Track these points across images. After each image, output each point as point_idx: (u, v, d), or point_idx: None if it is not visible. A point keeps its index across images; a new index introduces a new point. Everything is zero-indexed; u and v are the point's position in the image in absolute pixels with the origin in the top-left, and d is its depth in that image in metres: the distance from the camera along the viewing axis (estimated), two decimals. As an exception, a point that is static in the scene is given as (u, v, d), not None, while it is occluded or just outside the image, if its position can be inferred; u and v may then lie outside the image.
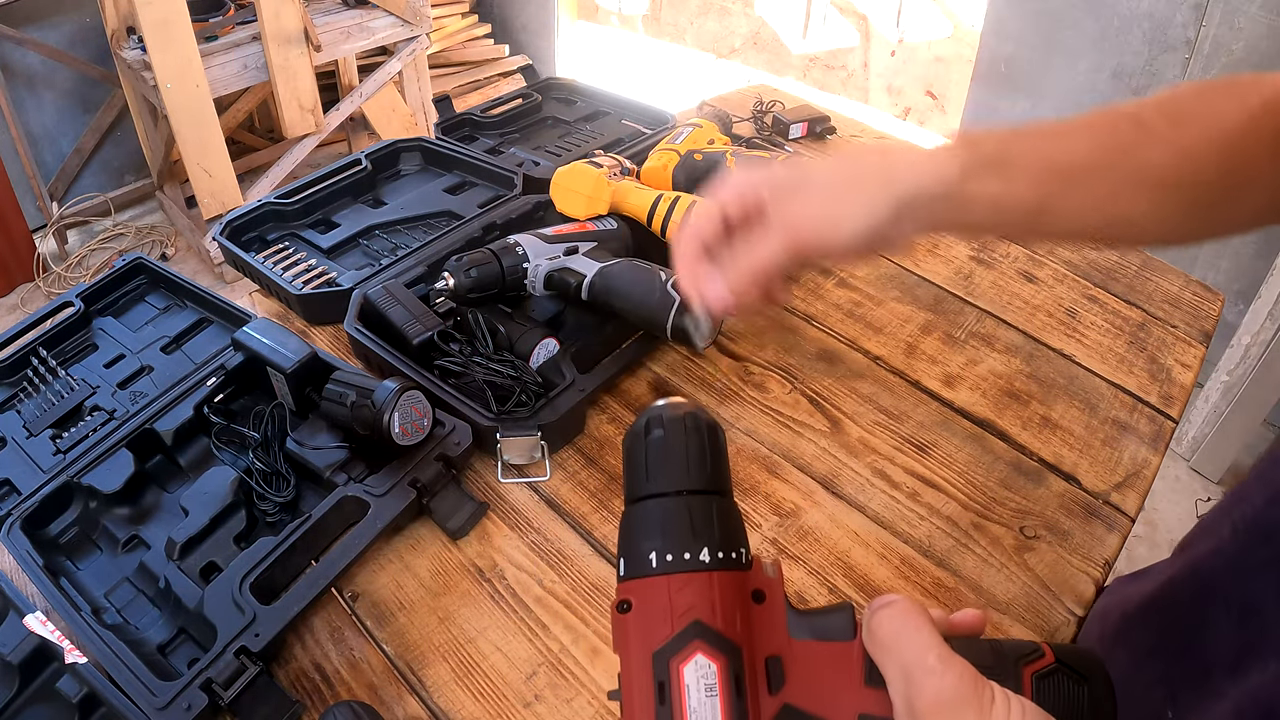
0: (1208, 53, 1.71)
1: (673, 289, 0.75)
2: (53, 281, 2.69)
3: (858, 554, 0.67)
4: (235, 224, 0.96)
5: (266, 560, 0.61)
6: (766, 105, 1.27)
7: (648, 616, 0.33)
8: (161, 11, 2.15)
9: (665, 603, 0.33)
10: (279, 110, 2.51)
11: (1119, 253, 0.66)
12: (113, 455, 0.69)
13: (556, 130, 1.22)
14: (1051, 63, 1.97)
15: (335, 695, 0.58)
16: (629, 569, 0.34)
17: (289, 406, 0.75)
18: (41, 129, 2.73)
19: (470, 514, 0.68)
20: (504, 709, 0.57)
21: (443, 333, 0.78)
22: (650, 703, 0.32)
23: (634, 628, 0.33)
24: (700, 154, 0.96)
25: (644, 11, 3.69)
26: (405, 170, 1.11)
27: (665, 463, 0.35)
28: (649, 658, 0.32)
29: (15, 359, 0.81)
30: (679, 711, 0.31)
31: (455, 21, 3.39)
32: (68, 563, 0.66)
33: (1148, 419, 0.81)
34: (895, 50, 3.15)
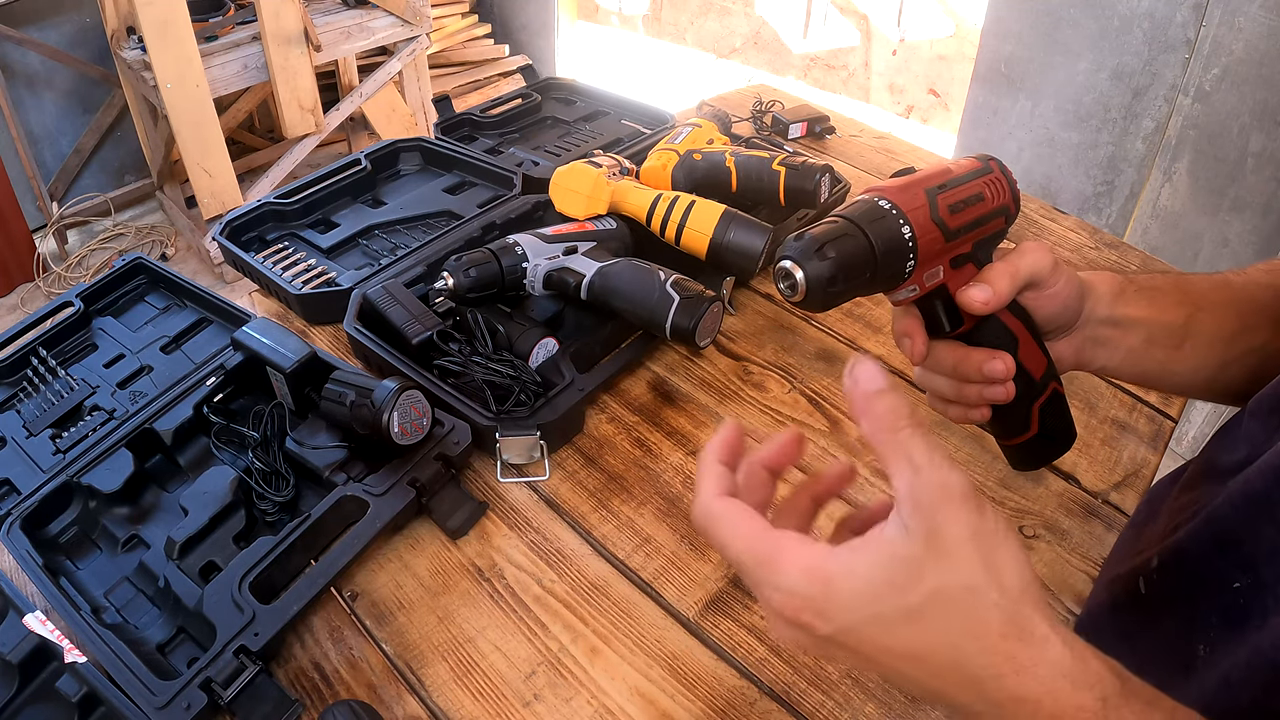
0: (1208, 53, 1.71)
1: (672, 288, 0.75)
2: (53, 281, 2.69)
3: (857, 553, 0.67)
4: (235, 224, 0.96)
5: (266, 560, 0.61)
6: (766, 105, 1.27)
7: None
8: (161, 11, 2.15)
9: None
10: (279, 110, 2.51)
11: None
12: (112, 455, 0.69)
13: (556, 130, 1.22)
14: (1051, 62, 1.97)
15: (335, 695, 0.58)
16: None
17: (288, 406, 0.75)
18: (41, 129, 2.73)
19: (469, 513, 0.68)
20: (503, 708, 0.57)
21: (442, 332, 0.78)
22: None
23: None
24: (699, 154, 0.96)
25: (644, 11, 3.69)
26: (405, 170, 1.11)
27: None
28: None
29: (15, 359, 0.82)
30: None
31: (455, 21, 3.40)
32: (67, 562, 0.66)
33: (1147, 418, 0.81)
34: (897, 49, 3.15)
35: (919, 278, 0.47)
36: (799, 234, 0.45)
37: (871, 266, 0.45)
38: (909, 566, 0.33)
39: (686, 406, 0.80)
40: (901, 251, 0.45)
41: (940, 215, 0.46)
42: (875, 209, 0.45)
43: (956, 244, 0.48)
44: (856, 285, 0.45)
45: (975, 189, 0.48)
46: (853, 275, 0.44)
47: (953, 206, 0.47)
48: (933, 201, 0.46)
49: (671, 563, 0.66)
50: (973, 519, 0.33)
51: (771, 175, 0.93)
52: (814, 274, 0.43)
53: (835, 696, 0.58)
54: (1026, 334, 0.52)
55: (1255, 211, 1.77)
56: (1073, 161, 2.03)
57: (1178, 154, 1.84)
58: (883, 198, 0.46)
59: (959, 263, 0.49)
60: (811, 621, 0.34)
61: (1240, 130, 1.73)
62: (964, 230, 0.48)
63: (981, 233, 0.49)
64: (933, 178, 0.48)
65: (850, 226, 0.45)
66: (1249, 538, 0.44)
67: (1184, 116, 1.80)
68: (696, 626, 0.62)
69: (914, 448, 0.34)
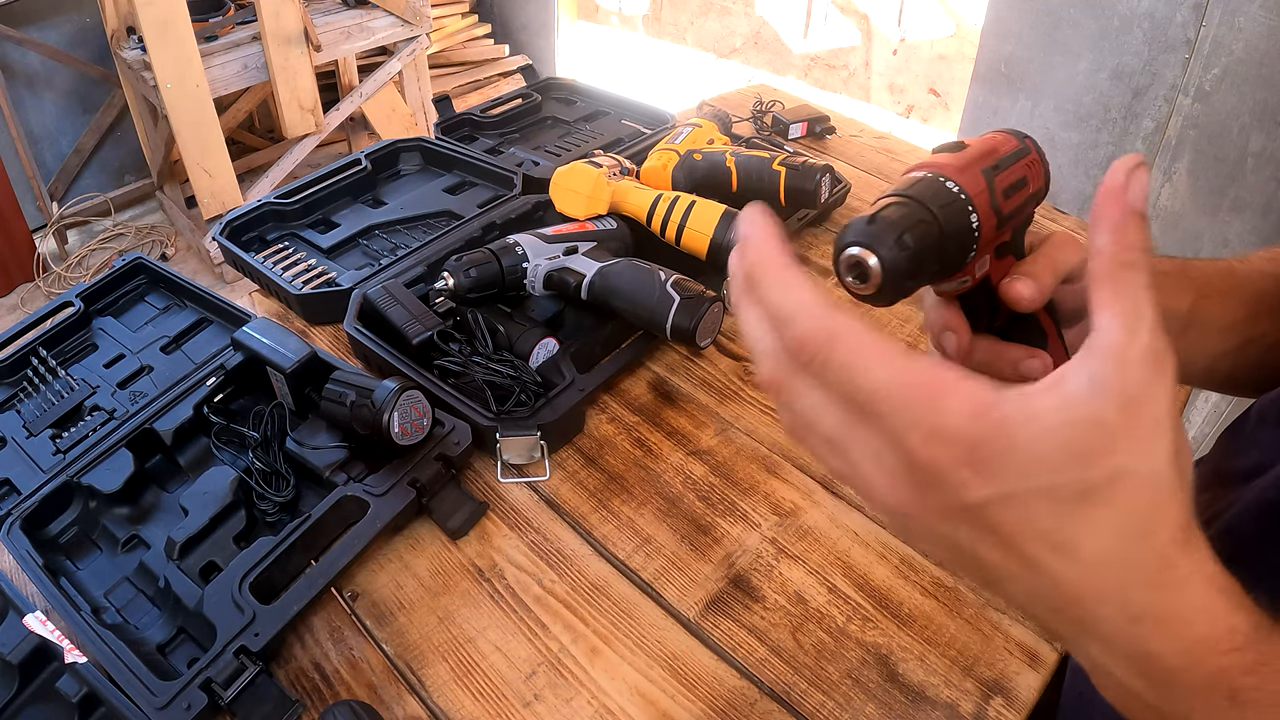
0: (1208, 53, 1.71)
1: (672, 288, 0.75)
2: (53, 281, 2.69)
3: (857, 554, 0.67)
4: (235, 224, 0.96)
5: (266, 560, 0.61)
6: (766, 105, 1.27)
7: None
8: (161, 11, 2.15)
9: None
10: (279, 110, 2.51)
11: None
12: (113, 455, 0.69)
13: (556, 130, 1.22)
14: (1051, 62, 1.97)
15: (335, 695, 0.58)
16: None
17: (289, 406, 0.75)
18: (41, 129, 2.73)
19: (470, 514, 0.68)
20: (503, 709, 0.57)
21: (442, 333, 0.78)
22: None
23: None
24: (700, 154, 0.96)
25: (644, 11, 3.69)
26: (405, 170, 1.11)
27: None
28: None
29: (15, 359, 0.82)
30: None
31: (455, 21, 3.39)
32: (68, 562, 0.66)
33: (1147, 419, 0.81)
34: (897, 49, 3.15)
35: (972, 268, 0.44)
36: (870, 217, 0.39)
37: (941, 255, 0.40)
38: (1101, 432, 0.26)
39: (687, 407, 0.80)
40: (967, 241, 0.41)
41: (998, 201, 0.43)
42: (945, 191, 0.41)
43: (1004, 232, 0.45)
44: (926, 276, 0.40)
45: (1020, 172, 0.45)
46: (927, 265, 0.39)
47: (1006, 191, 0.43)
48: (991, 185, 0.43)
49: (672, 563, 0.66)
50: (1172, 400, 0.27)
51: (772, 175, 0.93)
52: (891, 263, 0.38)
53: (835, 697, 0.58)
54: (1055, 331, 0.49)
55: (1255, 211, 1.77)
56: (1073, 161, 2.03)
57: (1178, 154, 1.84)
58: (948, 178, 0.41)
59: (1002, 252, 0.46)
60: (967, 479, 0.26)
61: (1240, 130, 1.73)
62: (1013, 216, 0.45)
63: (1021, 219, 0.46)
64: (986, 156, 0.44)
65: (924, 211, 0.40)
66: (1264, 548, 0.43)
67: (1184, 116, 1.80)
68: (697, 627, 0.62)
69: (1145, 298, 0.28)
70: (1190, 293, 0.54)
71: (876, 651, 0.61)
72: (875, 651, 0.61)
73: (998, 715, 0.57)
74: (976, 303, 0.47)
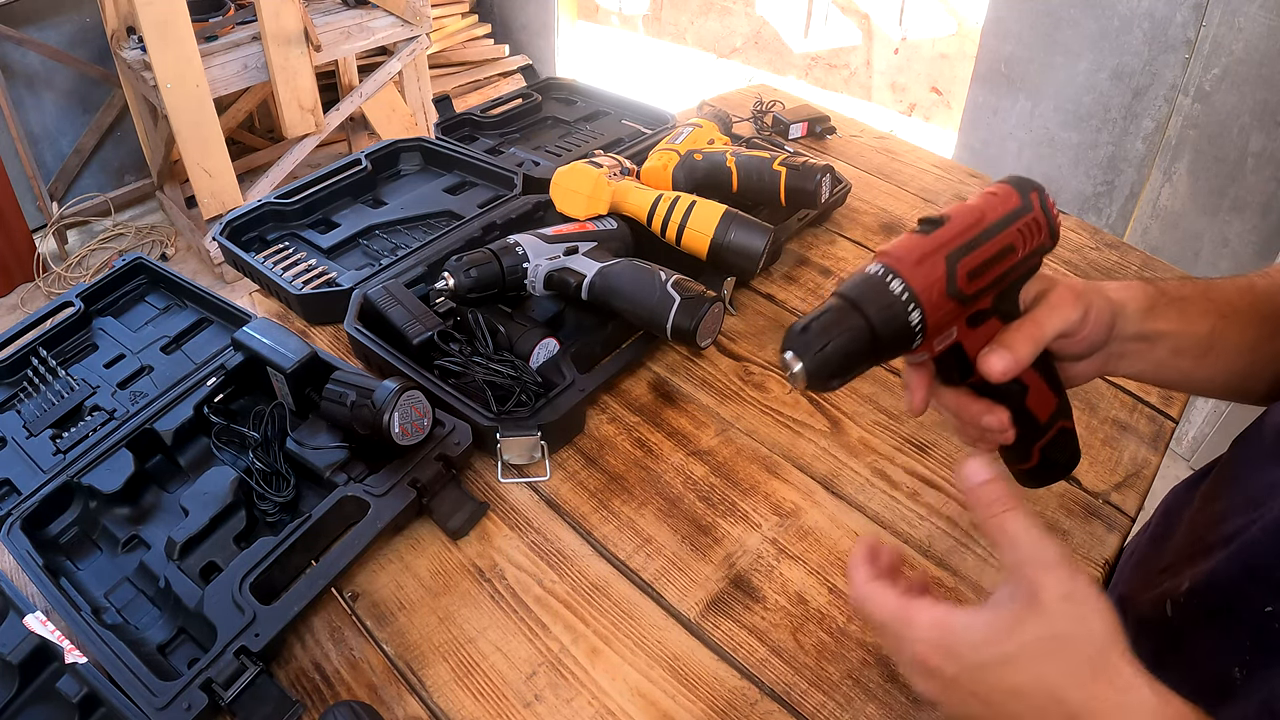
0: (1208, 53, 1.71)
1: (673, 289, 0.75)
2: (53, 281, 2.69)
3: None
4: (235, 224, 0.96)
5: (266, 560, 0.61)
6: (766, 105, 1.27)
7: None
8: (161, 11, 2.15)
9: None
10: (279, 110, 2.51)
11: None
12: (113, 455, 0.69)
13: (556, 130, 1.22)
14: (1051, 62, 1.97)
15: (335, 695, 0.58)
16: None
17: (289, 406, 0.75)
18: (41, 129, 2.73)
19: (470, 514, 0.68)
20: (504, 709, 0.57)
21: (443, 333, 0.78)
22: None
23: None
24: (700, 154, 0.96)
25: (644, 11, 3.69)
26: (405, 170, 1.11)
27: None
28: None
29: (15, 359, 0.81)
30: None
31: (455, 21, 3.39)
32: (68, 563, 0.66)
33: (1147, 419, 0.81)
34: (898, 48, 3.15)
35: (929, 346, 0.45)
36: (803, 325, 0.44)
37: (874, 350, 0.44)
38: (1013, 620, 0.39)
39: (687, 407, 0.80)
40: (907, 335, 0.44)
41: (958, 286, 0.43)
42: (884, 292, 0.43)
43: (975, 305, 0.45)
44: (860, 367, 0.44)
45: (1006, 240, 0.45)
46: (854, 361, 0.44)
47: (974, 271, 0.44)
48: (952, 272, 0.43)
49: (672, 563, 0.66)
50: (1065, 583, 0.39)
51: (772, 175, 0.93)
52: (815, 369, 0.44)
53: (836, 697, 0.58)
54: (1039, 381, 0.50)
55: (1255, 211, 1.77)
56: (1073, 161, 2.03)
57: (1178, 154, 1.84)
58: (896, 275, 0.43)
59: (977, 320, 0.46)
60: (941, 664, 0.41)
61: (1240, 130, 1.73)
62: (984, 292, 0.45)
63: (1006, 284, 0.46)
64: (961, 234, 0.44)
65: (854, 316, 0.43)
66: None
67: (1184, 116, 1.80)
68: (697, 627, 0.62)
69: (1015, 525, 0.41)
70: (1211, 316, 0.55)
71: (877, 652, 0.61)
72: (876, 652, 0.61)
73: (998, 715, 0.57)
74: (947, 363, 0.48)
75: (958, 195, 1.15)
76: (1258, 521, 0.48)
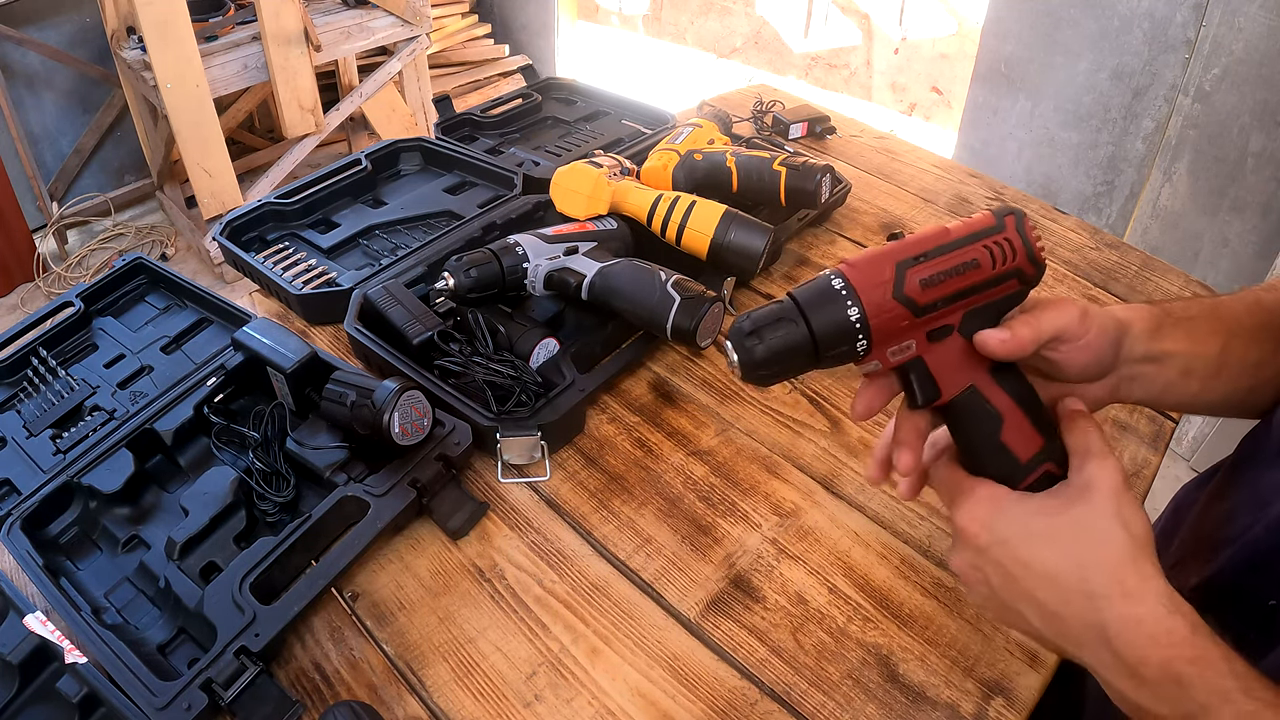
0: (1208, 53, 1.71)
1: (673, 289, 0.75)
2: (53, 281, 2.69)
3: (858, 554, 0.67)
4: (235, 224, 0.96)
5: (266, 560, 0.61)
6: (766, 105, 1.27)
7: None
8: (161, 11, 2.15)
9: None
10: (279, 110, 2.51)
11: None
12: (113, 455, 0.69)
13: (556, 130, 1.22)
14: (1051, 62, 1.97)
15: (335, 695, 0.58)
16: None
17: (289, 406, 0.75)
18: (41, 129, 2.73)
19: (470, 514, 0.68)
20: (504, 709, 0.57)
21: (443, 333, 0.78)
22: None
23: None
24: (700, 154, 0.96)
25: (644, 11, 3.69)
26: (405, 170, 1.11)
27: None
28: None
29: (15, 359, 0.81)
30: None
31: (455, 21, 3.39)
32: (68, 563, 0.66)
33: (1147, 419, 0.81)
34: (898, 48, 3.15)
35: (880, 355, 0.45)
36: (747, 315, 0.46)
37: (811, 350, 0.44)
38: (1061, 501, 0.43)
39: (687, 407, 0.80)
40: (847, 334, 0.44)
41: (907, 292, 0.43)
42: (824, 290, 0.44)
43: (934, 318, 0.45)
44: (797, 366, 0.45)
45: (968, 255, 0.44)
46: (789, 358, 0.45)
47: (927, 280, 0.44)
48: (900, 277, 0.44)
49: (672, 563, 0.66)
50: (1116, 482, 0.43)
51: (772, 175, 0.93)
52: (745, 358, 0.45)
53: (836, 697, 0.58)
54: (1017, 411, 0.47)
55: (1255, 211, 1.77)
56: (1073, 161, 2.03)
57: (1178, 154, 1.84)
58: (839, 275, 0.44)
59: (938, 335, 0.45)
60: (978, 532, 0.44)
61: (1240, 130, 1.73)
62: (942, 303, 0.44)
63: (974, 302, 0.45)
64: (915, 245, 0.45)
65: (790, 310, 0.45)
66: None
67: (1184, 116, 1.80)
68: (697, 627, 0.62)
69: (1088, 423, 0.47)
70: (1221, 335, 0.55)
71: (877, 652, 0.61)
72: (876, 652, 0.61)
73: (998, 716, 0.57)
74: (907, 380, 0.47)
75: (958, 195, 1.15)
76: (1262, 520, 0.48)
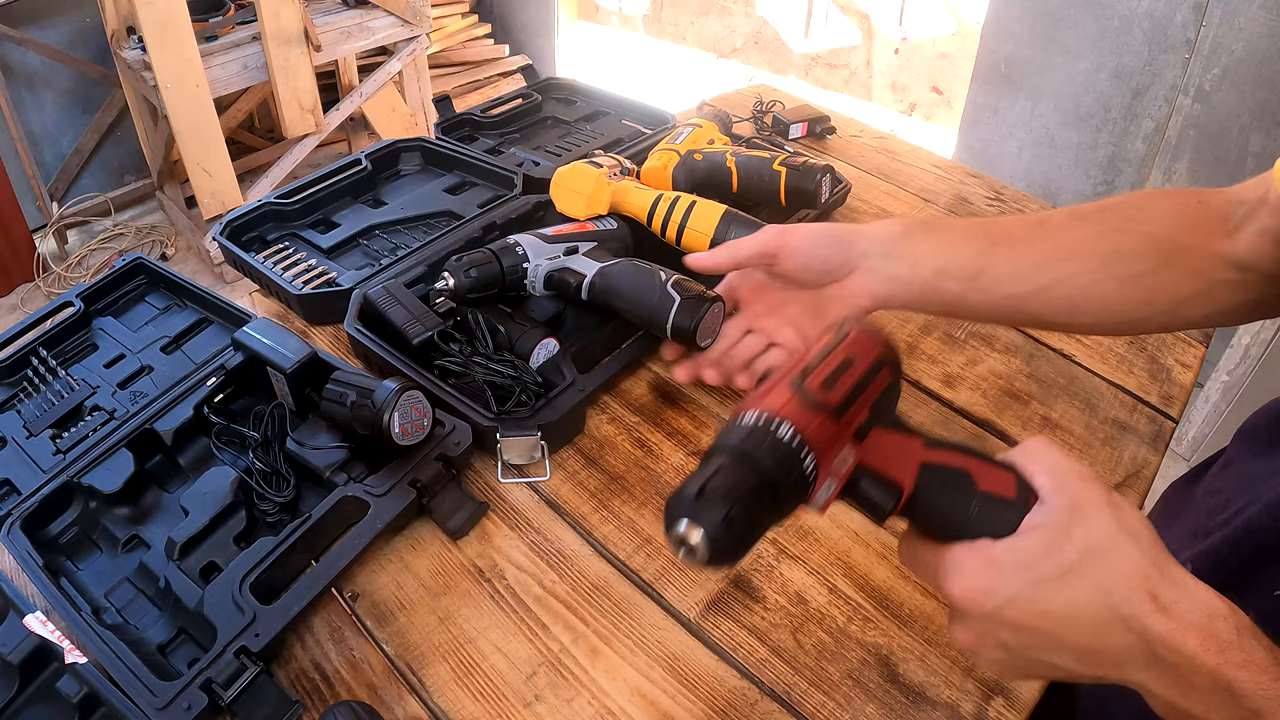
0: (1207, 53, 1.71)
1: (673, 289, 0.75)
2: (53, 281, 2.69)
3: (858, 554, 0.67)
4: (235, 224, 0.96)
5: (266, 560, 0.61)
6: (766, 105, 1.27)
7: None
8: (161, 11, 2.15)
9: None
10: (279, 110, 2.51)
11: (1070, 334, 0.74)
12: (113, 455, 0.69)
13: (556, 130, 1.22)
14: (1051, 62, 1.97)
15: (335, 695, 0.58)
16: None
17: (289, 406, 0.75)
18: (41, 129, 2.73)
19: (470, 514, 0.68)
20: (504, 709, 0.57)
21: (443, 333, 0.78)
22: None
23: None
24: (700, 154, 0.96)
25: (644, 11, 3.69)
26: (405, 170, 1.11)
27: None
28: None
29: (15, 359, 0.81)
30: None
31: (455, 21, 3.39)
32: (68, 563, 0.66)
33: (1148, 419, 0.81)
34: (899, 48, 3.16)
35: (830, 470, 0.43)
36: (677, 491, 0.40)
37: (770, 485, 0.40)
38: (1058, 533, 0.39)
39: (687, 407, 0.80)
40: (791, 456, 0.41)
41: (816, 398, 0.43)
42: (747, 427, 0.42)
43: (850, 416, 0.44)
44: (764, 514, 0.40)
45: (839, 357, 0.45)
46: (751, 507, 0.39)
47: (825, 382, 0.43)
48: (800, 389, 0.43)
49: (672, 563, 0.66)
50: (1104, 493, 0.40)
51: (772, 175, 0.93)
52: (711, 528, 0.38)
53: (836, 697, 0.58)
54: (974, 459, 0.46)
55: (1256, 211, 1.77)
56: (1073, 161, 2.03)
57: (1178, 154, 1.84)
58: (749, 412, 0.42)
59: (862, 434, 0.45)
60: (981, 598, 0.39)
61: (1240, 130, 1.73)
62: (851, 399, 0.44)
63: (872, 394, 0.45)
64: (794, 366, 0.45)
65: (723, 455, 0.41)
66: None
67: (1184, 116, 1.80)
68: (697, 627, 0.62)
69: (1042, 444, 0.43)
70: (981, 242, 0.60)
71: (877, 652, 0.61)
72: (876, 652, 0.61)
73: (998, 716, 0.57)
74: (864, 496, 0.45)
75: (958, 195, 1.15)
76: (1260, 499, 0.48)
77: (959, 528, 0.43)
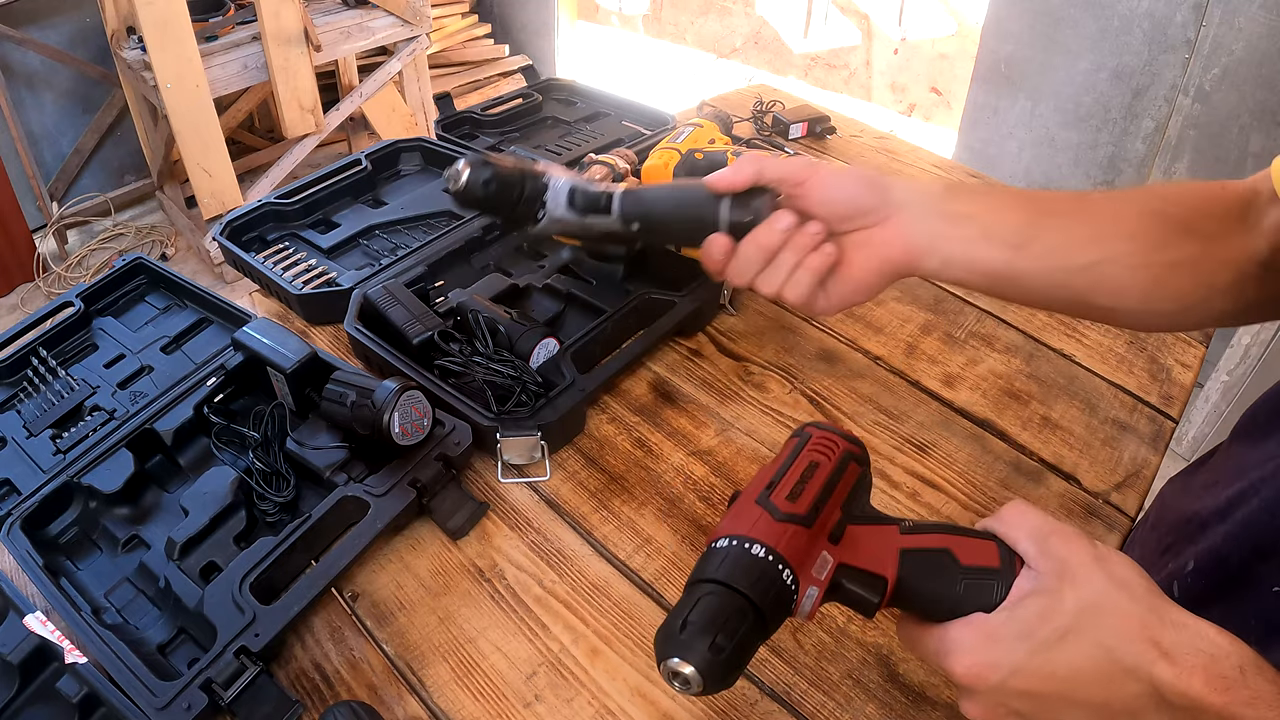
0: (1207, 53, 1.71)
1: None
2: (53, 281, 2.69)
3: (858, 554, 0.67)
4: (235, 224, 0.96)
5: (266, 560, 0.61)
6: (766, 105, 1.27)
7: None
8: (161, 11, 2.15)
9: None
10: (279, 110, 2.51)
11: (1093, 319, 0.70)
12: (113, 455, 0.69)
13: (556, 130, 1.22)
14: (1051, 63, 1.97)
15: (335, 695, 0.58)
16: None
17: (289, 406, 0.75)
18: (41, 129, 2.73)
19: (470, 514, 0.68)
20: (504, 709, 0.57)
21: (443, 332, 0.78)
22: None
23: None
24: (701, 153, 0.96)
25: (644, 11, 3.70)
26: (405, 170, 1.11)
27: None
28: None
29: (15, 359, 0.81)
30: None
31: (455, 21, 3.39)
32: (68, 563, 0.66)
33: (1148, 419, 0.81)
34: (898, 48, 3.16)
35: (810, 578, 0.43)
36: (662, 628, 0.41)
37: (752, 606, 0.40)
38: (1051, 597, 0.39)
39: (687, 407, 0.80)
40: (770, 573, 0.41)
41: (784, 511, 0.43)
42: (721, 553, 0.42)
43: (823, 520, 0.44)
44: (750, 635, 0.40)
45: (804, 463, 0.46)
46: (738, 628, 0.40)
47: (791, 494, 0.44)
48: (768, 506, 0.43)
49: (672, 563, 0.66)
50: (1089, 548, 0.40)
51: (772, 175, 0.92)
52: (700, 660, 0.39)
53: (836, 697, 0.58)
54: (953, 536, 0.46)
55: (1255, 211, 1.77)
56: (1073, 161, 2.03)
57: (1178, 154, 1.84)
58: (720, 539, 0.43)
59: (838, 535, 0.45)
60: (986, 672, 0.40)
61: (1240, 130, 1.73)
62: (820, 504, 0.44)
63: (841, 493, 0.46)
64: (758, 482, 0.45)
65: (702, 586, 0.41)
66: None
67: (1184, 116, 1.80)
68: (697, 627, 0.62)
69: (1029, 514, 0.43)
70: (1028, 211, 0.57)
71: (877, 652, 0.61)
72: (876, 652, 0.61)
73: (998, 715, 0.57)
74: (851, 593, 0.44)
75: (958, 195, 1.15)
76: (1258, 494, 0.48)
77: (950, 606, 0.43)
